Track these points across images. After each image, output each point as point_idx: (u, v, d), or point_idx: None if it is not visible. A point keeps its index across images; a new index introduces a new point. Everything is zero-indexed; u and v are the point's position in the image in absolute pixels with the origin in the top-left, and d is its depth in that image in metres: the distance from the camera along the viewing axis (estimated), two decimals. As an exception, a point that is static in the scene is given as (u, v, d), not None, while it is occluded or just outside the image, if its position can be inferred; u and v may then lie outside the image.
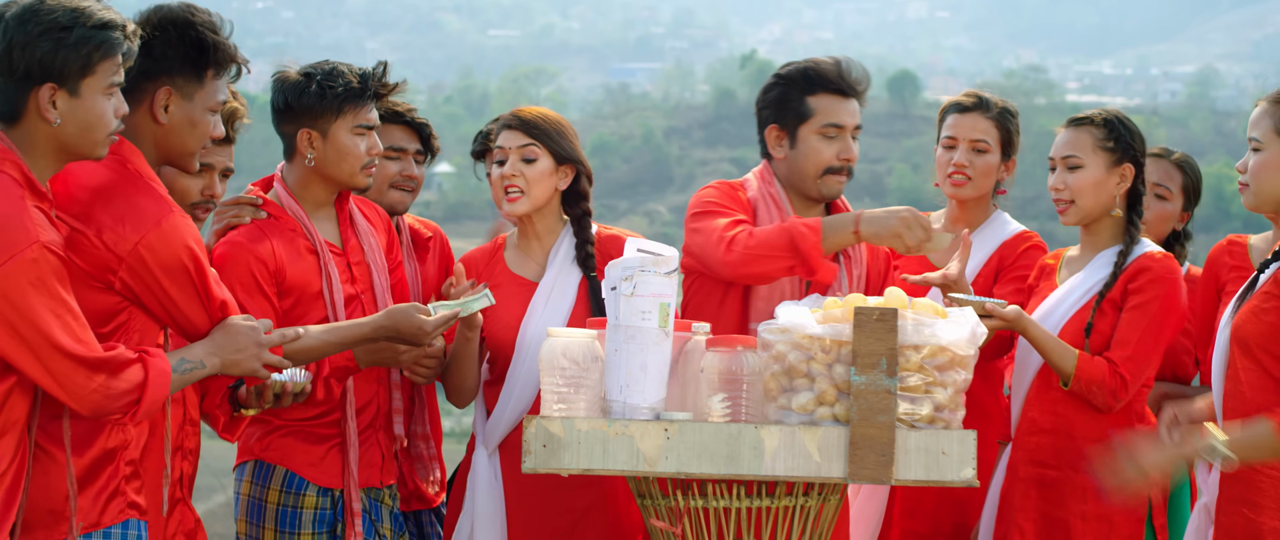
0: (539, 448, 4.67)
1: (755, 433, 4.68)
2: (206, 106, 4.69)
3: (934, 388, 4.68)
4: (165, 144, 4.68)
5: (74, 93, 4.26)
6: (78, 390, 4.20)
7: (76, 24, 4.24)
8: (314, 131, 5.41)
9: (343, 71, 5.46)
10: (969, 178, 5.84)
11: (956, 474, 4.61)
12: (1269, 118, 4.94)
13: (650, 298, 4.70)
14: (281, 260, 5.35)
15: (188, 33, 4.66)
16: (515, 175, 5.54)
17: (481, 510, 5.61)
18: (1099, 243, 5.54)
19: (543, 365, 4.83)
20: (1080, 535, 5.37)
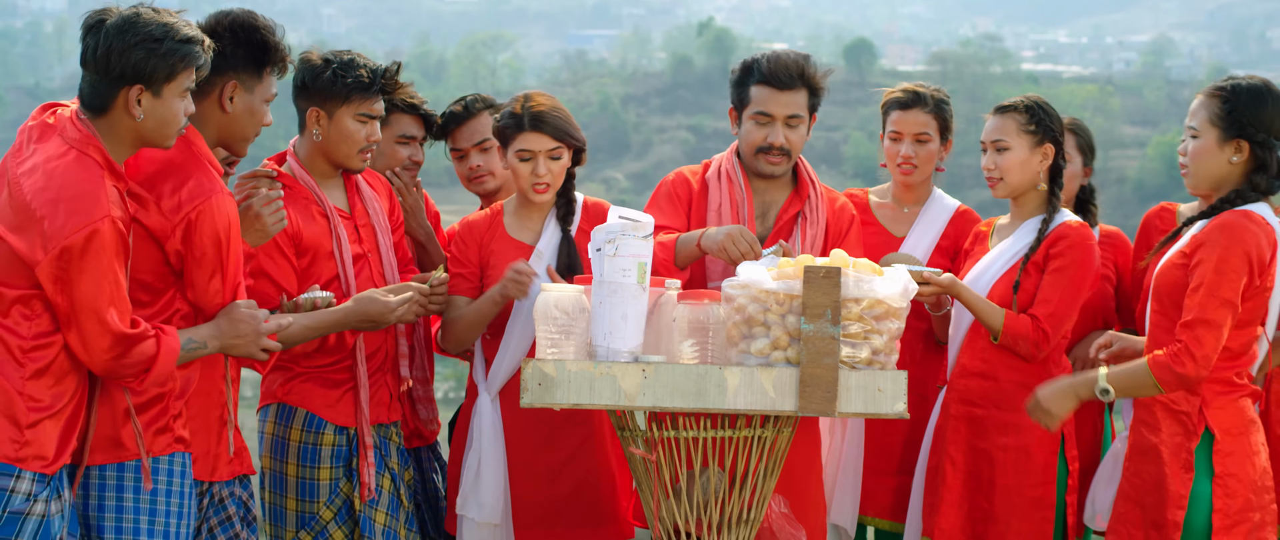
0: (535, 386, 5.18)
1: (719, 373, 5.19)
2: (263, 98, 5.26)
3: (871, 334, 5.21)
4: (227, 130, 5.24)
5: (157, 94, 4.81)
6: (97, 356, 4.74)
7: (167, 37, 4.78)
8: (322, 111, 5.84)
9: (359, 64, 5.85)
10: (916, 167, 6.45)
11: (890, 407, 5.17)
12: (1205, 109, 5.51)
13: (630, 258, 5.22)
14: (298, 224, 5.77)
15: (253, 36, 5.23)
16: (545, 174, 5.99)
17: (486, 448, 6.07)
18: (1025, 212, 6.12)
19: (537, 316, 5.32)
20: (1001, 464, 5.96)
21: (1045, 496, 5.96)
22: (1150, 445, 5.51)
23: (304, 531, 5.88)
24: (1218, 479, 5.42)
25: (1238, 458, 5.44)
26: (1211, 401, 5.44)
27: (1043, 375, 5.97)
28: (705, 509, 5.44)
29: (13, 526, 4.71)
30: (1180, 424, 5.46)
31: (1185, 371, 5.36)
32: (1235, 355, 5.46)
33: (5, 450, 4.68)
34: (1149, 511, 5.50)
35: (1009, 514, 5.97)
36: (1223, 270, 5.36)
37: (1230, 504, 5.42)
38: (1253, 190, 5.46)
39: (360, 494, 5.89)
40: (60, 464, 4.81)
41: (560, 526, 6.13)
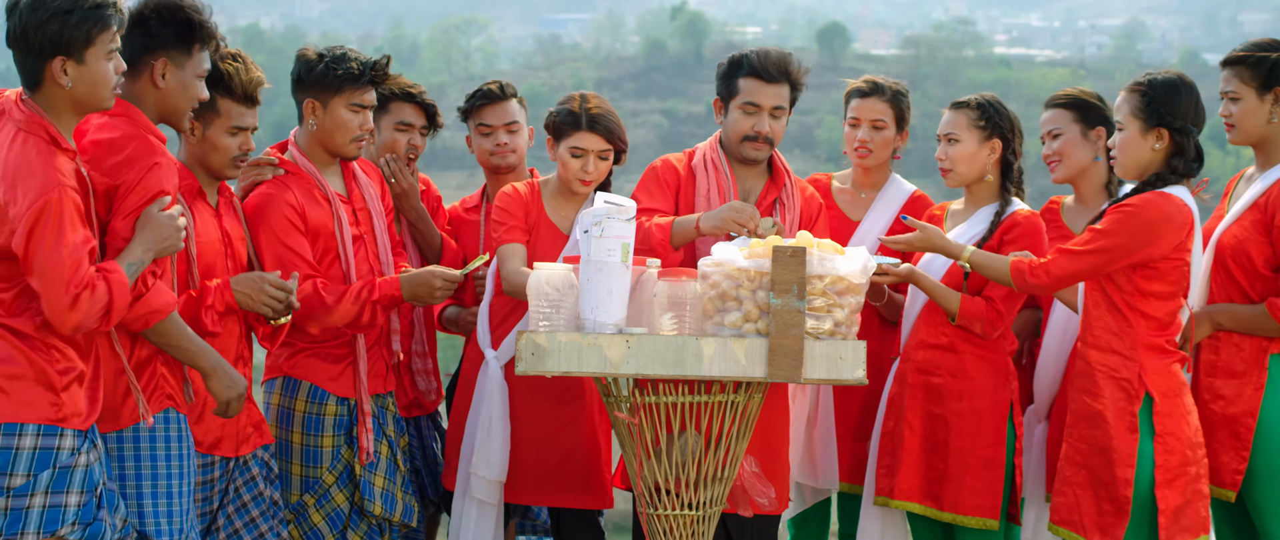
0: (528, 355, 5.51)
1: (696, 343, 5.54)
2: (195, 73, 5.49)
3: (834, 308, 5.56)
4: (163, 105, 5.47)
5: (80, 61, 5.04)
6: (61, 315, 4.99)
7: (76, 6, 5.01)
8: (317, 102, 6.14)
9: (350, 58, 6.13)
10: (871, 151, 6.83)
11: (851, 373, 5.52)
12: (1127, 104, 5.93)
13: (615, 239, 5.53)
14: (304, 206, 6.09)
15: (178, 14, 5.46)
16: (593, 171, 6.40)
17: (495, 412, 6.42)
18: (978, 201, 6.52)
19: (530, 292, 5.63)
20: (956, 428, 6.36)
21: (995, 457, 6.33)
22: (1093, 411, 5.87)
23: (308, 494, 6.21)
24: (1158, 437, 5.79)
25: (1175, 418, 5.82)
26: (1148, 368, 5.81)
27: (992, 345, 6.38)
28: (683, 468, 5.75)
29: (63, 480, 5.05)
30: (1122, 389, 5.83)
31: (1037, 281, 5.89)
32: (1164, 325, 5.86)
33: (47, 414, 5.01)
34: (1096, 471, 5.86)
35: (962, 473, 6.33)
36: (1124, 227, 5.76)
37: (1170, 460, 5.80)
38: (1172, 173, 5.85)
39: (359, 459, 6.20)
40: (93, 419, 5.15)
41: (549, 491, 6.49)
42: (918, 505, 6.44)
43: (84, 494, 5.09)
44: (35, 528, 5.04)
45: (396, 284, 6.13)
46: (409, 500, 6.40)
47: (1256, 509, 6.09)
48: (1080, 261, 5.82)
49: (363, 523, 6.29)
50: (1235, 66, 6.16)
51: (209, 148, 5.78)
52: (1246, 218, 6.10)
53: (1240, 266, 6.10)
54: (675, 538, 5.81)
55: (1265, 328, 6.06)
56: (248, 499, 5.90)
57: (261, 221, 6.04)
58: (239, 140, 5.81)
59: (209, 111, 5.74)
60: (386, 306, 6.18)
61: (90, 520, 5.11)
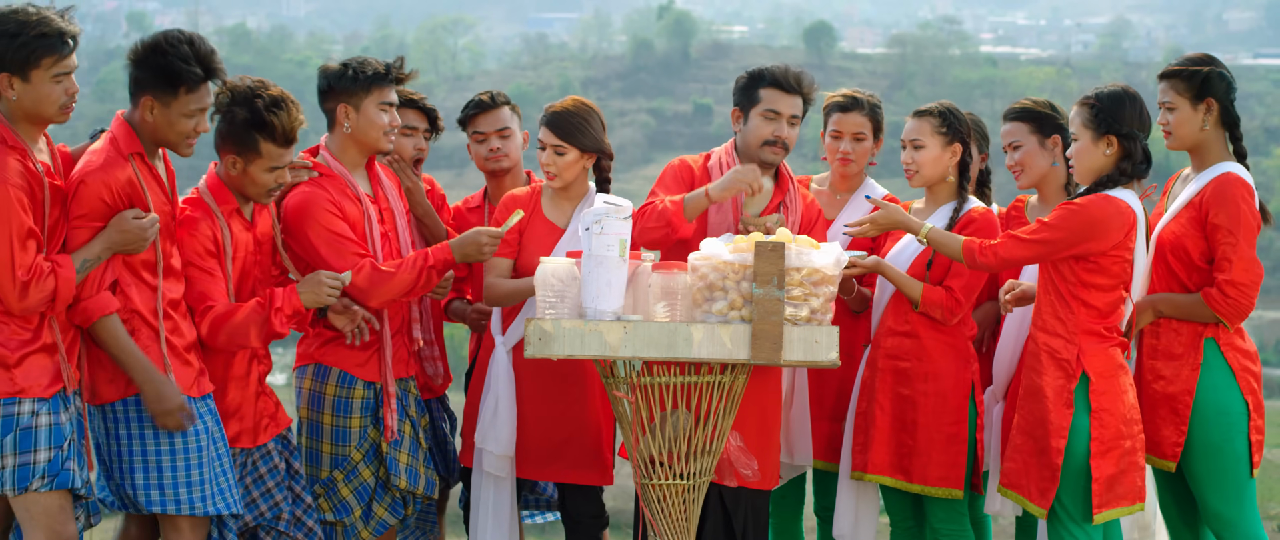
0: (536, 341, 5.93)
1: (687, 329, 5.94)
2: (183, 112, 5.95)
3: (810, 297, 5.98)
4: (154, 135, 6.00)
5: (25, 79, 5.64)
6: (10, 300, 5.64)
7: (22, 31, 5.61)
8: (350, 105, 6.54)
9: (371, 61, 6.54)
10: (852, 160, 7.27)
11: (825, 355, 5.94)
12: (1079, 116, 6.45)
13: (613, 236, 5.94)
14: (340, 203, 6.51)
15: (161, 61, 5.92)
16: (550, 163, 6.78)
17: (502, 393, 6.81)
18: (939, 200, 6.96)
19: (537, 283, 6.04)
20: (922, 408, 6.79)
21: (958, 434, 6.77)
22: (1037, 387, 6.38)
23: (337, 470, 6.64)
24: (1094, 413, 6.28)
25: (1110, 396, 6.31)
26: (1086, 350, 6.31)
27: (955, 332, 6.83)
28: (675, 442, 6.14)
29: (28, 440, 5.66)
30: (1061, 369, 6.32)
31: (985, 260, 6.38)
32: (1105, 314, 6.36)
33: (4, 388, 5.65)
34: (1037, 441, 6.36)
35: (929, 448, 6.77)
36: (1068, 221, 6.26)
37: (1104, 433, 6.30)
38: (1121, 175, 6.36)
39: (385, 437, 6.61)
40: (58, 387, 5.72)
41: (556, 467, 6.90)
42: (889, 478, 6.83)
43: (51, 450, 5.66)
44: (10, 484, 5.67)
45: (448, 249, 6.53)
46: (430, 474, 6.80)
47: (1192, 477, 6.60)
48: (1025, 248, 6.32)
49: (387, 495, 6.70)
50: (1171, 79, 6.63)
51: (248, 181, 6.24)
52: (1183, 216, 6.57)
53: (1179, 259, 6.59)
54: (669, 504, 6.22)
55: (1201, 315, 6.54)
56: (264, 472, 6.37)
57: (307, 218, 6.46)
58: (275, 176, 6.27)
59: (250, 151, 6.19)
60: (441, 270, 6.55)
61: (57, 471, 5.67)
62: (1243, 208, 6.47)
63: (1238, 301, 6.47)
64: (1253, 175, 6.59)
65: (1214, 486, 6.55)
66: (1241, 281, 6.45)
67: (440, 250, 6.55)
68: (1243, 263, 6.45)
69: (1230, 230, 6.47)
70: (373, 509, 6.71)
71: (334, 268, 6.45)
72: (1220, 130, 6.64)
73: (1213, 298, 6.51)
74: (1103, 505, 6.34)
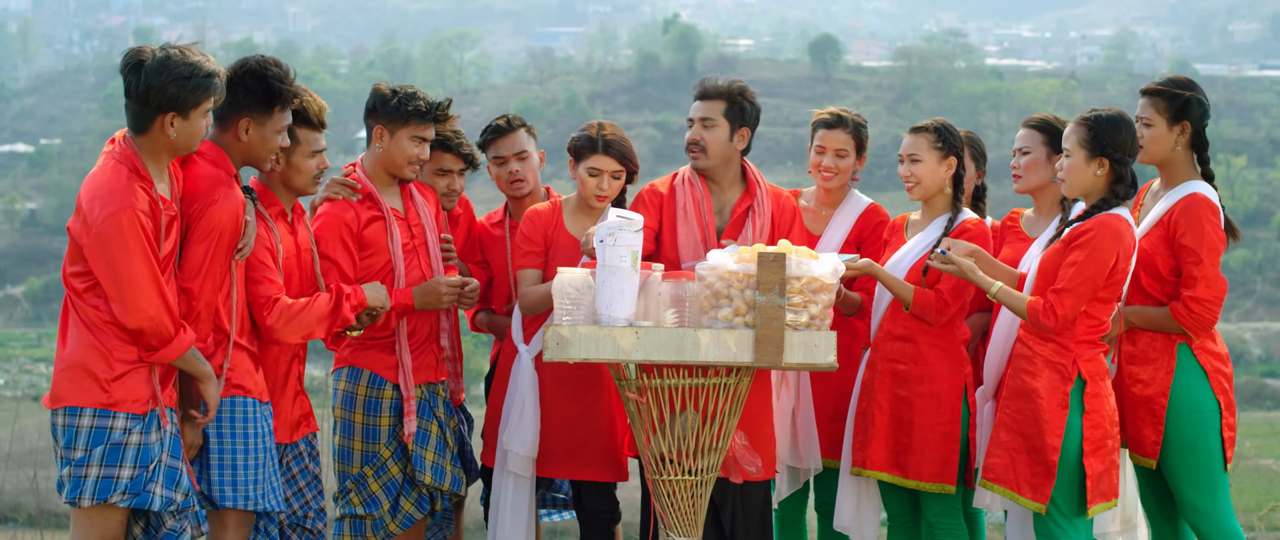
0: (554, 345, 6.16)
1: (694, 334, 6.14)
2: (275, 130, 6.22)
3: (809, 303, 6.19)
4: (246, 155, 6.25)
5: (185, 118, 5.89)
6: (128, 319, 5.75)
7: (194, 75, 5.85)
8: (386, 130, 6.81)
9: (419, 97, 6.79)
10: (834, 175, 7.48)
11: (824, 359, 6.14)
12: (1075, 134, 6.64)
13: (625, 247, 6.18)
14: (362, 222, 6.76)
15: (263, 83, 6.20)
16: (608, 189, 7.05)
17: (527, 396, 7.04)
18: (934, 212, 7.17)
19: (555, 292, 6.26)
20: (919, 409, 6.99)
21: (952, 432, 6.98)
22: (1030, 388, 6.56)
23: (367, 467, 6.89)
24: (1086, 414, 6.51)
25: (1099, 398, 6.56)
26: (1082, 355, 6.54)
27: (949, 337, 7.05)
28: (684, 441, 6.34)
29: (116, 455, 5.84)
30: (1058, 372, 6.52)
31: (1048, 322, 6.52)
32: (1098, 325, 6.60)
33: (100, 399, 5.84)
34: (1030, 439, 6.55)
35: (924, 446, 6.97)
36: (1094, 256, 6.47)
37: (1095, 433, 6.54)
38: (1114, 197, 6.58)
39: (404, 436, 6.87)
40: (155, 404, 5.88)
41: (573, 465, 7.14)
42: (886, 474, 7.03)
43: (136, 468, 5.83)
44: (90, 493, 5.84)
45: (409, 293, 6.79)
46: (457, 472, 7.04)
47: (1169, 472, 6.86)
48: (1076, 296, 6.51)
49: (414, 491, 6.94)
50: (1153, 97, 6.90)
51: (293, 171, 6.47)
52: (1154, 233, 6.84)
53: (1149, 274, 6.86)
54: (678, 499, 6.43)
55: (1169, 326, 6.84)
56: (296, 472, 6.58)
57: (320, 237, 6.76)
58: (316, 161, 6.51)
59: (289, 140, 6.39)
60: (400, 313, 6.81)
61: (139, 491, 5.84)
62: (1207, 229, 6.72)
63: (1202, 316, 6.76)
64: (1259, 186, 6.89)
65: (1189, 480, 6.79)
66: (1205, 298, 6.74)
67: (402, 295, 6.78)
68: (1206, 281, 6.73)
69: (1196, 250, 6.72)
70: (400, 504, 6.93)
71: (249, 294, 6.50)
72: (1189, 151, 6.90)
73: (1179, 312, 6.80)
74: (1094, 500, 6.54)
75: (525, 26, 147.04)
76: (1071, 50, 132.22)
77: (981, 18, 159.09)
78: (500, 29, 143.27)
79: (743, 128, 7.16)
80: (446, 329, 7.12)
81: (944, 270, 6.75)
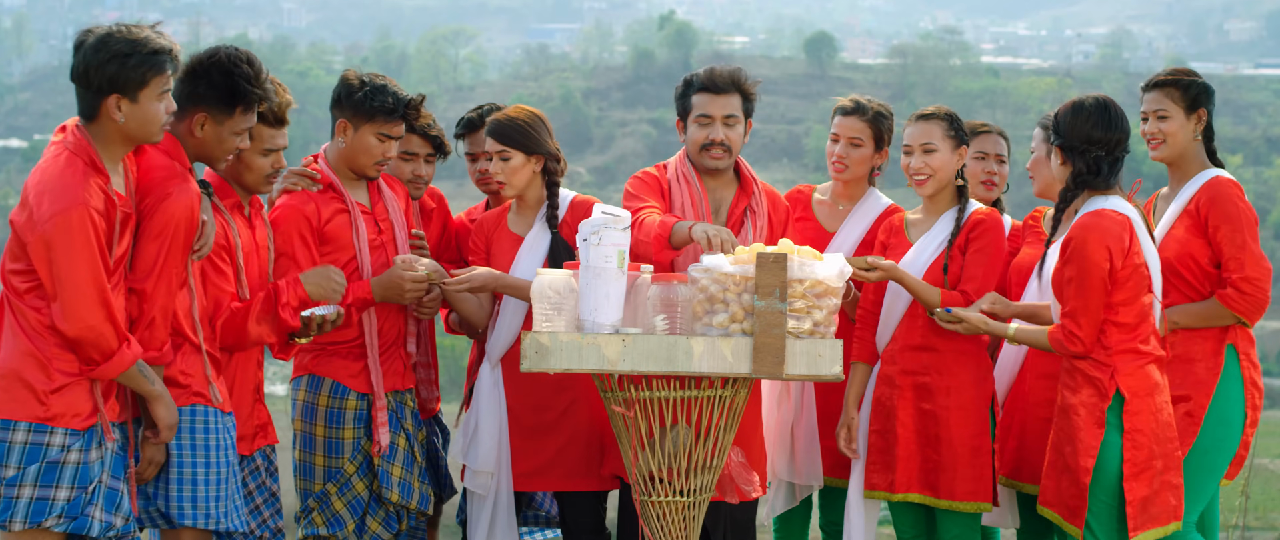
0: (533, 354, 5.84)
1: (687, 342, 5.83)
2: (233, 131, 5.86)
3: (813, 309, 5.87)
4: (198, 151, 5.87)
5: (134, 100, 5.47)
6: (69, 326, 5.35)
7: (135, 51, 5.44)
8: (350, 124, 6.53)
9: (389, 91, 6.50)
10: (846, 166, 7.16)
11: (828, 369, 5.83)
12: (1040, 129, 6.48)
13: (611, 246, 5.86)
14: (323, 216, 6.49)
15: (228, 79, 5.82)
16: (498, 171, 6.72)
17: (485, 406, 6.78)
18: (940, 207, 6.89)
19: (534, 295, 5.95)
20: (946, 422, 6.72)
21: (982, 446, 6.72)
22: (1070, 404, 6.27)
23: (330, 483, 6.58)
24: (1126, 434, 6.19)
25: (1143, 416, 6.21)
26: (1121, 369, 6.20)
27: (973, 342, 6.75)
28: (675, 458, 6.04)
29: (52, 474, 5.42)
30: (1095, 387, 6.21)
31: (1076, 349, 6.22)
32: (1133, 327, 6.25)
33: (36, 412, 5.42)
34: (1066, 458, 6.26)
35: (955, 463, 6.70)
36: (1084, 265, 6.17)
37: (1137, 455, 6.20)
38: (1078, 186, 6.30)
39: (375, 449, 6.57)
40: (95, 419, 5.47)
41: (552, 476, 6.84)
42: (917, 495, 6.77)
43: (74, 489, 5.44)
44: (22, 516, 5.42)
45: (368, 286, 6.49)
46: (425, 489, 6.75)
47: None
48: (1088, 313, 6.20)
49: (381, 509, 6.65)
50: (1165, 88, 6.75)
51: (244, 168, 6.13)
52: (1180, 228, 6.63)
53: (1188, 270, 6.60)
54: (668, 522, 6.12)
55: (1220, 317, 6.60)
56: (253, 488, 6.26)
57: (277, 230, 6.44)
58: (271, 159, 6.17)
59: None
60: (360, 307, 6.52)
61: (77, 514, 5.44)
62: (1240, 206, 6.62)
63: (1255, 296, 6.59)
64: (1255, 185, 6.90)
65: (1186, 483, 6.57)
66: (1255, 276, 6.58)
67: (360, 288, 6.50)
68: (1252, 258, 6.59)
69: (1234, 229, 6.59)
70: (366, 523, 6.67)
71: None
72: (1201, 142, 6.80)
73: (1229, 298, 6.57)
74: (1138, 528, 6.25)
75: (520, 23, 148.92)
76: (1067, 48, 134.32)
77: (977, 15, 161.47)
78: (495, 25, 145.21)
79: (749, 120, 6.94)
80: (413, 333, 6.84)
81: (952, 329, 6.62)
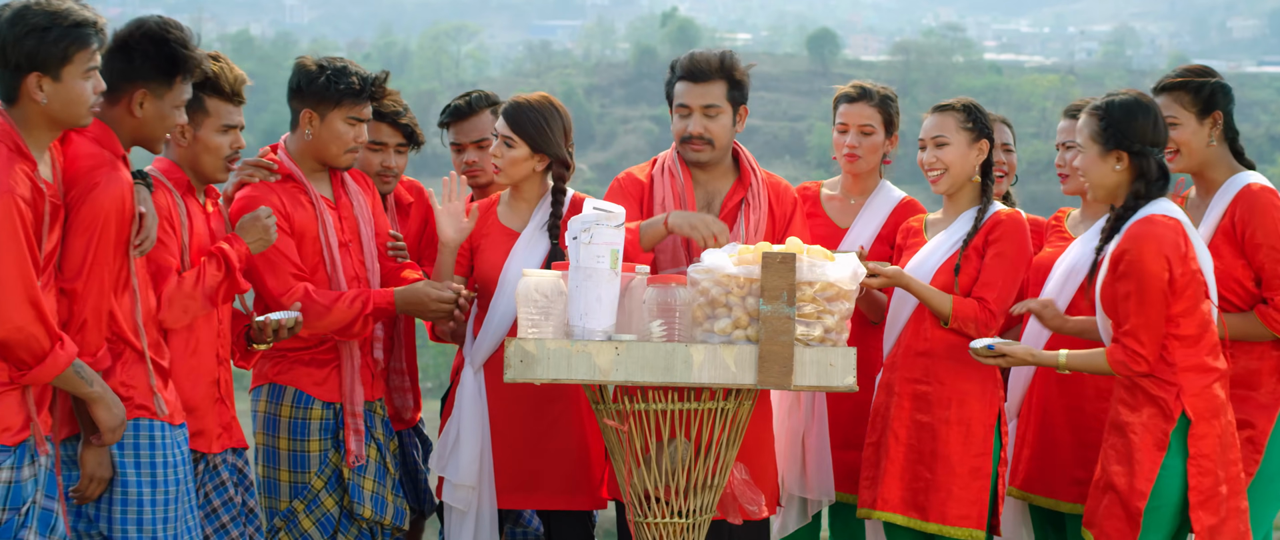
0: (517, 363, 5.53)
1: (686, 350, 5.54)
2: (174, 104, 5.49)
3: (824, 314, 5.56)
4: (138, 132, 5.47)
5: (56, 78, 5.06)
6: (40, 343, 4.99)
7: (53, 24, 5.04)
8: (315, 113, 6.21)
9: (351, 72, 6.20)
10: (859, 156, 6.83)
11: (841, 380, 5.52)
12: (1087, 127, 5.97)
13: (604, 245, 5.55)
14: (287, 208, 6.17)
15: (163, 48, 5.46)
16: (497, 154, 6.40)
17: (467, 415, 6.44)
18: (960, 205, 6.51)
19: (519, 298, 5.65)
20: (944, 437, 6.34)
21: (982, 467, 6.33)
22: (1125, 422, 5.89)
23: (297, 500, 6.25)
24: (1191, 459, 5.82)
25: (1209, 440, 5.84)
26: (1186, 389, 5.83)
27: None
28: (673, 476, 5.76)
29: None
30: (1158, 407, 5.83)
31: (1140, 368, 5.84)
32: (1195, 340, 5.87)
33: None
34: (1115, 479, 5.88)
35: (949, 482, 6.32)
36: (1143, 279, 5.79)
37: (1202, 482, 5.83)
38: (1137, 198, 5.92)
39: (347, 461, 6.26)
40: (26, 434, 5.06)
41: (539, 493, 6.49)
42: (900, 516, 6.43)
43: (5, 511, 5.06)
44: None
45: (391, 296, 6.20)
46: (399, 503, 6.45)
47: None
48: (1149, 330, 5.84)
49: (353, 526, 6.35)
50: (1174, 92, 6.30)
51: (201, 149, 5.81)
52: (1216, 244, 6.23)
53: (1233, 293, 6.23)
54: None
55: (1257, 333, 6.20)
56: (218, 504, 5.91)
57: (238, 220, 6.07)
58: (230, 139, 5.86)
59: (198, 112, 5.76)
60: (379, 318, 6.27)
61: (8, 537, 5.09)
62: (1277, 217, 6.18)
63: None
64: None
65: None
66: None
67: (383, 296, 6.24)
68: None
69: (1273, 245, 6.16)
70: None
71: (266, 286, 6.16)
72: (1223, 144, 6.35)
73: (1270, 318, 6.18)
74: None
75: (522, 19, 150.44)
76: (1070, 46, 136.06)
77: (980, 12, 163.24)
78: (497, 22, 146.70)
79: (742, 106, 6.58)
80: (381, 339, 6.52)
81: (991, 364, 6.20)
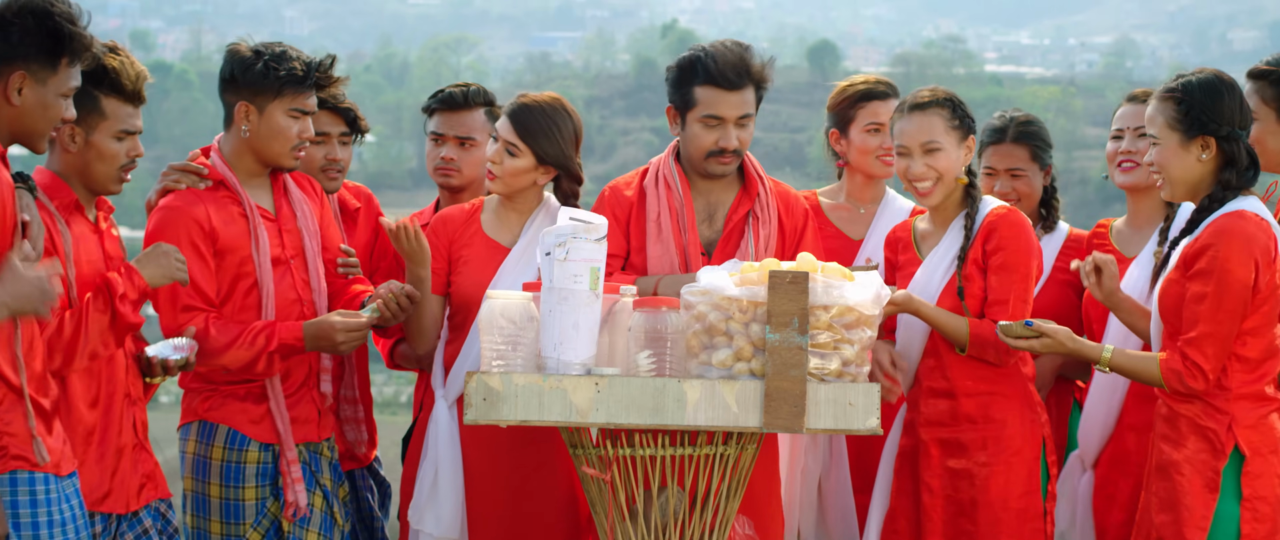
0: (480, 401, 5.12)
1: (678, 386, 5.18)
2: (59, 92, 4.99)
3: (842, 344, 5.18)
4: (16, 124, 4.97)
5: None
6: None
7: None
8: (252, 106, 5.78)
9: (291, 56, 5.81)
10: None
11: (862, 423, 5.14)
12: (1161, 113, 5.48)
13: (582, 262, 5.14)
14: (215, 223, 5.74)
15: (46, 23, 4.94)
16: (496, 161, 5.98)
17: (443, 458, 6.04)
18: (948, 213, 5.97)
19: (482, 325, 5.26)
20: (982, 481, 5.81)
21: (1031, 506, 5.88)
22: (1171, 461, 5.49)
23: None
24: (1246, 502, 5.42)
25: (1266, 479, 5.45)
26: (1240, 419, 5.43)
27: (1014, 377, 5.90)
28: (664, 532, 5.45)
29: None
30: (1207, 441, 5.44)
31: (1197, 385, 5.40)
32: (1257, 364, 5.46)
33: None
34: (1162, 530, 5.50)
35: (996, 531, 5.87)
36: (1225, 279, 5.36)
37: (1258, 529, 5.45)
38: (1226, 189, 5.49)
39: (286, 514, 5.94)
40: None
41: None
42: None
43: None
44: None
45: (299, 331, 5.84)
46: None
47: None
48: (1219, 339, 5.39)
49: None
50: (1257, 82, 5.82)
51: (94, 156, 5.41)
52: None
53: None
54: None
55: None
56: None
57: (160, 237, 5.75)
58: (127, 145, 5.47)
59: (92, 114, 5.38)
60: (285, 356, 5.86)
61: None
62: None
63: None
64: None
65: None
66: None
67: (290, 330, 5.84)
68: None
69: None
70: None
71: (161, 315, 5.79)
72: None
73: None
74: None
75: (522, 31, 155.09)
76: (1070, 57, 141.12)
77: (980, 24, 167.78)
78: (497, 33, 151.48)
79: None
80: (328, 370, 6.13)
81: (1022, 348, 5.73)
